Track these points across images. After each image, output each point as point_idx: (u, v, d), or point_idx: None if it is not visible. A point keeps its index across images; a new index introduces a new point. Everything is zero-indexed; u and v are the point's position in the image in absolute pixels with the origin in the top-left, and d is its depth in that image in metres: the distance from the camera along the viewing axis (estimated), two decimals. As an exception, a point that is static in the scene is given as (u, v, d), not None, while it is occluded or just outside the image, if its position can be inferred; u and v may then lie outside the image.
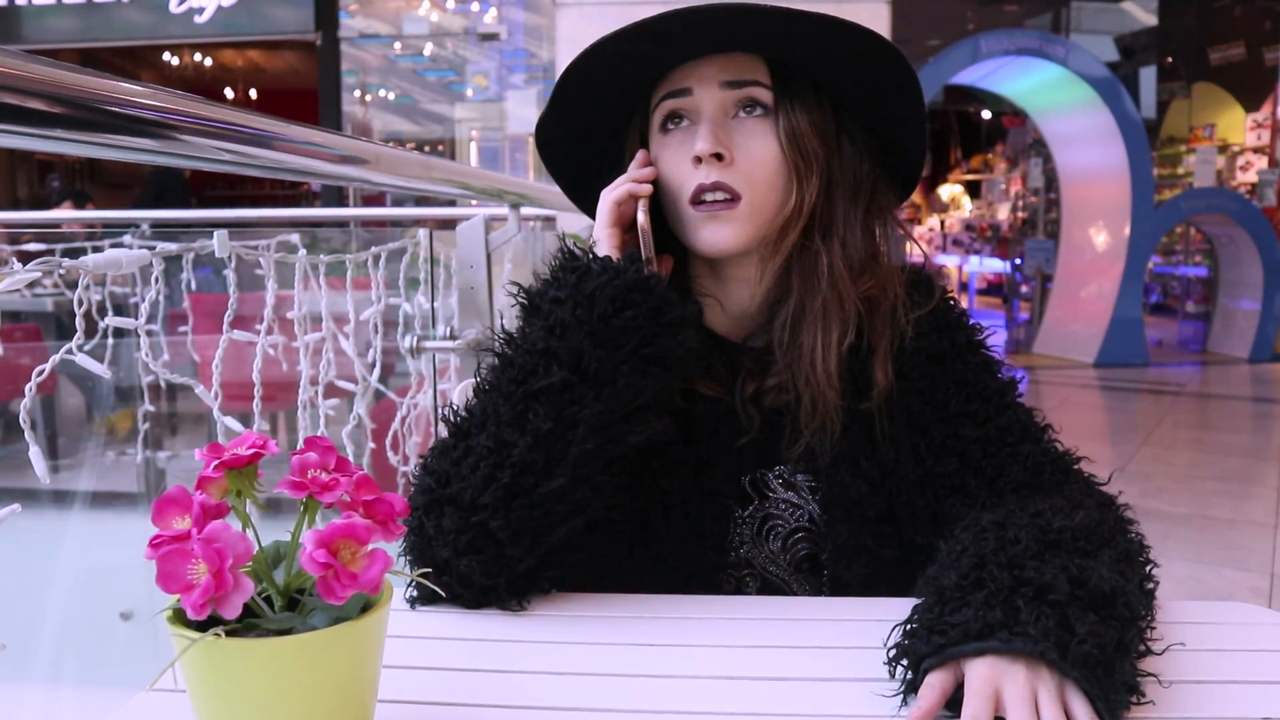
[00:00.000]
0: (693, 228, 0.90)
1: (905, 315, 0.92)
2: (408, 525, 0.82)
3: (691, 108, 0.90)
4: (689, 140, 0.89)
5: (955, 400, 0.92)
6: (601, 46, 0.86)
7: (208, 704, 0.54)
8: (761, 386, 0.93)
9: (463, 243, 1.74)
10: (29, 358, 3.85)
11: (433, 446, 0.86)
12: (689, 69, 0.90)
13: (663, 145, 0.92)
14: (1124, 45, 11.77)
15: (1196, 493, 2.78)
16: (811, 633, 0.80)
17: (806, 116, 0.89)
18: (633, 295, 0.82)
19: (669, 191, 0.91)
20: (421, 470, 0.85)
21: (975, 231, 10.75)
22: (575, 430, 0.80)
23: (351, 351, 1.85)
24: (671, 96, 0.91)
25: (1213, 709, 0.68)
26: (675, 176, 0.90)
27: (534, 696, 0.69)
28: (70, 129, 0.70)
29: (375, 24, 8.01)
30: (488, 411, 0.83)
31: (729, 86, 0.89)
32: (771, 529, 0.95)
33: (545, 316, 0.84)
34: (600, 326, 0.81)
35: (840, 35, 0.85)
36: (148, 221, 3.50)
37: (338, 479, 0.55)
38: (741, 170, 0.88)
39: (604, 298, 0.82)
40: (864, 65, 0.88)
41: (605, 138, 0.97)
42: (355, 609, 0.54)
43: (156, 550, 0.51)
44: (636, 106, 0.95)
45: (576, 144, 0.98)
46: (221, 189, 13.82)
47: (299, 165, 1.09)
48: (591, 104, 0.94)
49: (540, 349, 0.82)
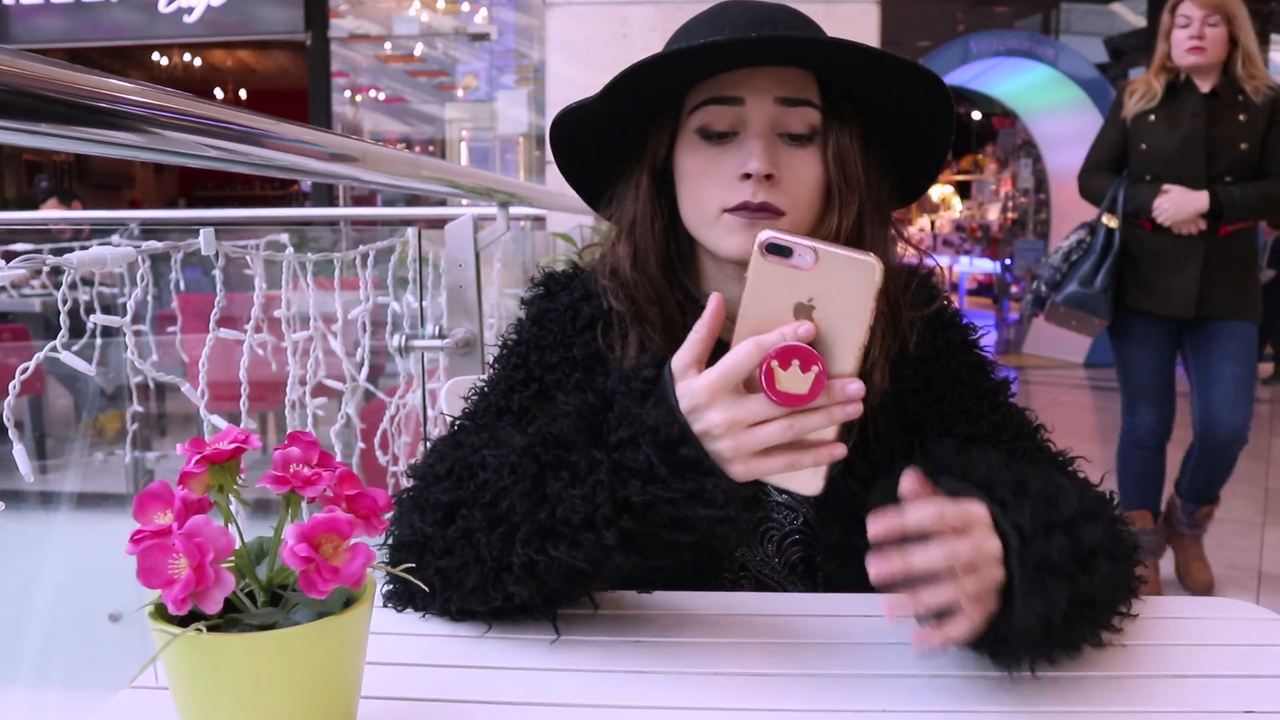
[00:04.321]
0: (727, 231, 0.86)
1: (908, 321, 0.92)
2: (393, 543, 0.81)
3: (740, 118, 0.86)
4: (735, 154, 0.86)
5: (949, 398, 0.92)
6: (666, 58, 0.81)
7: (189, 700, 0.53)
8: None
9: (451, 242, 1.74)
10: (16, 358, 3.82)
11: (415, 504, 0.81)
12: (741, 76, 0.85)
13: (698, 149, 0.88)
14: (1113, 47, 11.80)
15: (1184, 492, 2.85)
16: (804, 628, 0.80)
17: (850, 139, 0.88)
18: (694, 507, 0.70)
19: (697, 196, 0.88)
20: (405, 525, 0.80)
21: (965, 232, 10.78)
22: (596, 580, 0.76)
23: (340, 351, 1.85)
24: (719, 102, 0.86)
25: (1197, 703, 0.68)
26: (713, 187, 0.86)
27: (521, 693, 0.69)
28: (57, 124, 0.69)
29: (365, 24, 7.99)
30: (499, 509, 0.75)
31: (783, 103, 0.85)
32: (766, 532, 0.95)
33: (587, 485, 0.72)
34: (649, 537, 0.72)
35: (906, 74, 0.84)
36: (136, 221, 3.48)
37: (320, 474, 0.54)
38: (787, 190, 0.86)
39: (664, 516, 0.71)
40: (914, 100, 0.87)
41: (617, 122, 0.92)
42: (338, 604, 0.54)
43: (137, 545, 0.50)
44: (666, 98, 0.90)
45: (588, 129, 0.93)
46: (211, 189, 13.79)
47: (287, 163, 1.09)
48: (624, 98, 0.88)
49: (577, 522, 0.72)
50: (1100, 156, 2.95)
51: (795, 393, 0.66)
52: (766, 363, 0.66)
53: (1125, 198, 2.82)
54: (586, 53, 3.84)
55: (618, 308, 0.91)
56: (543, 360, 0.92)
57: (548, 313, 0.95)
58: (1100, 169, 2.94)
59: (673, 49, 0.81)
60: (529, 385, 0.91)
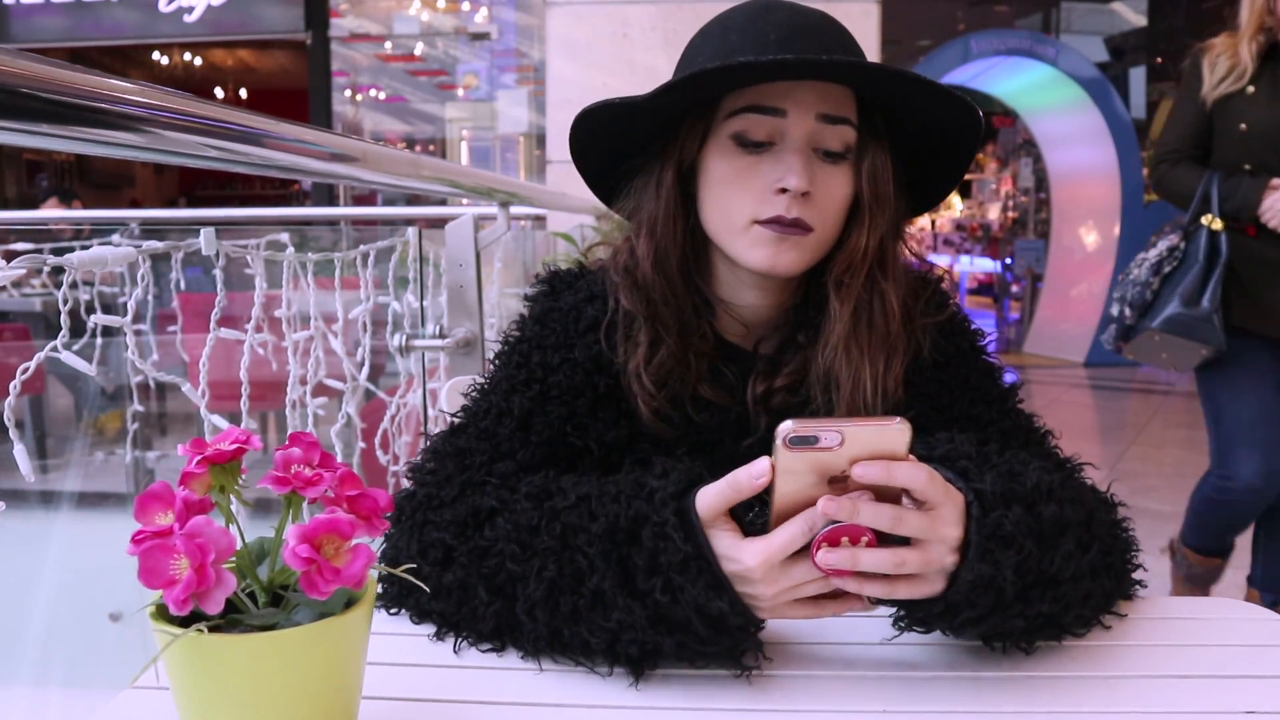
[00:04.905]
0: (755, 243, 0.86)
1: (921, 329, 0.92)
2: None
3: (779, 129, 0.85)
4: (771, 166, 0.85)
5: (959, 404, 0.92)
6: (735, 69, 0.80)
7: (190, 701, 0.53)
8: (771, 387, 0.92)
9: (452, 241, 1.74)
10: (16, 358, 3.82)
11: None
12: (785, 88, 0.84)
13: (731, 155, 0.86)
14: (1114, 46, 11.81)
15: (1186, 491, 2.77)
16: (804, 628, 0.80)
17: (883, 158, 0.88)
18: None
19: (726, 202, 0.87)
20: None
21: (966, 231, 10.79)
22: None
23: (341, 351, 1.85)
24: (760, 111, 0.84)
25: (1198, 704, 0.68)
26: (746, 197, 0.86)
27: (521, 693, 0.69)
28: (56, 124, 0.69)
29: (366, 24, 7.99)
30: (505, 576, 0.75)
31: (824, 120, 0.84)
32: None
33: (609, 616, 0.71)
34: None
35: (953, 106, 0.84)
36: (136, 221, 3.48)
37: (321, 474, 0.54)
38: (819, 207, 0.85)
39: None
40: (950, 127, 0.87)
41: (648, 120, 0.89)
42: (339, 604, 0.54)
43: (139, 545, 0.50)
44: (703, 99, 0.88)
45: (614, 124, 0.91)
46: (211, 189, 13.80)
47: (288, 162, 1.08)
48: (667, 98, 0.86)
49: (597, 647, 0.72)
50: (1179, 143, 2.32)
51: (845, 568, 0.66)
52: (817, 544, 0.66)
53: (1221, 195, 2.23)
54: (587, 52, 3.84)
55: (630, 307, 0.90)
56: (544, 360, 0.91)
57: (551, 312, 0.94)
58: (1182, 158, 2.32)
59: (739, 61, 0.80)
60: (530, 386, 0.90)
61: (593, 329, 0.92)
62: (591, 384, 0.90)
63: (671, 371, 0.90)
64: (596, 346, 0.91)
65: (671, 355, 0.89)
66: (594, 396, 0.90)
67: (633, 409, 0.90)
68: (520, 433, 0.87)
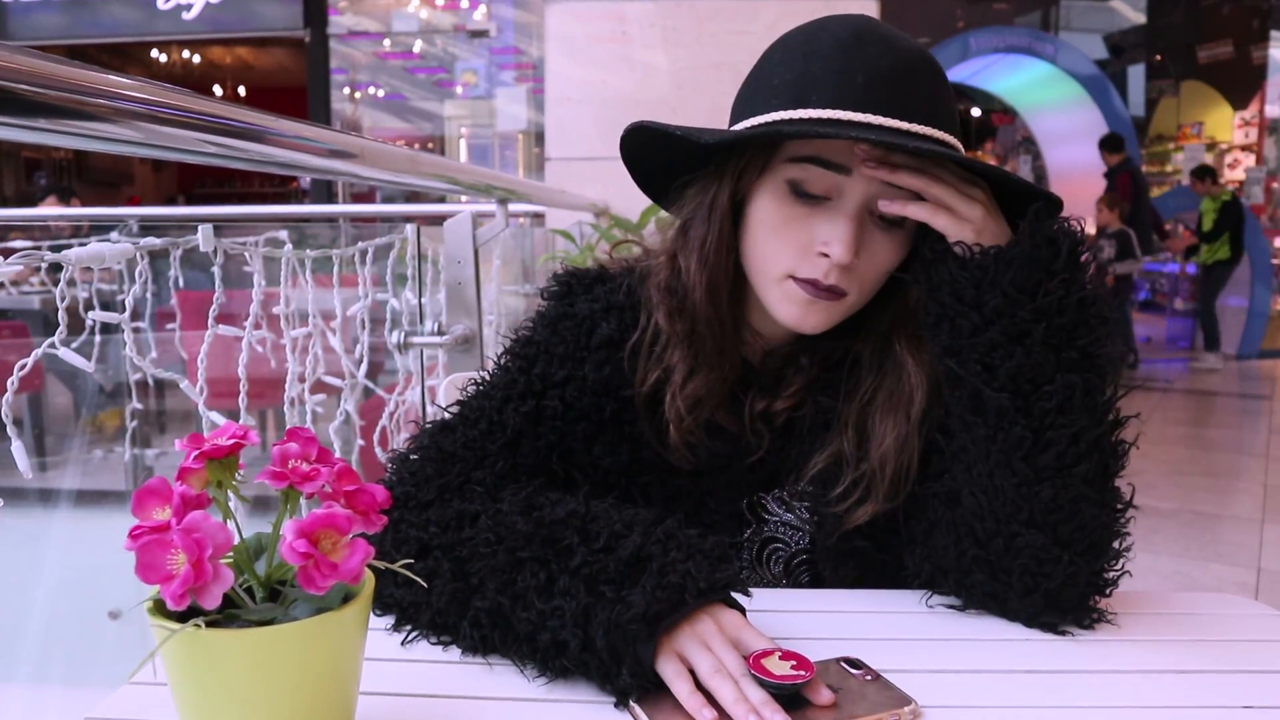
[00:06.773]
0: (785, 298, 0.84)
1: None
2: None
3: (838, 186, 0.81)
4: (821, 224, 0.81)
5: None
6: (791, 127, 0.78)
7: (188, 696, 0.53)
8: (771, 405, 0.91)
9: (450, 238, 1.74)
10: (15, 355, 3.82)
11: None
12: (849, 144, 0.79)
13: (784, 201, 0.82)
14: (1113, 43, 11.82)
15: (1184, 488, 2.78)
16: (804, 625, 0.80)
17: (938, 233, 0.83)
18: None
19: (767, 249, 0.84)
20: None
21: (965, 229, 10.77)
22: None
23: (339, 348, 1.85)
24: (821, 165, 0.80)
25: (1197, 698, 0.68)
26: (788, 249, 0.83)
27: (520, 689, 0.69)
28: (55, 119, 0.69)
29: (364, 21, 7.99)
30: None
31: (887, 185, 0.80)
32: (772, 553, 0.93)
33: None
34: None
35: (1033, 197, 0.83)
36: (135, 218, 3.48)
37: (318, 469, 0.54)
38: (859, 274, 0.82)
39: None
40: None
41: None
42: (337, 600, 0.54)
43: (136, 541, 0.50)
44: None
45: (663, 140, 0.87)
46: (210, 186, 13.79)
47: (286, 159, 1.08)
48: (718, 143, 0.83)
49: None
50: None
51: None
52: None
53: None
54: (586, 49, 3.84)
55: (669, 330, 0.88)
56: (547, 373, 0.88)
57: (564, 318, 0.91)
58: None
59: (815, 121, 0.77)
60: (526, 400, 0.87)
61: (606, 346, 0.89)
62: (597, 406, 0.88)
63: (702, 399, 0.88)
64: (608, 367, 0.88)
65: (705, 382, 0.87)
66: (598, 420, 0.88)
67: (638, 433, 0.88)
68: (507, 450, 0.85)
